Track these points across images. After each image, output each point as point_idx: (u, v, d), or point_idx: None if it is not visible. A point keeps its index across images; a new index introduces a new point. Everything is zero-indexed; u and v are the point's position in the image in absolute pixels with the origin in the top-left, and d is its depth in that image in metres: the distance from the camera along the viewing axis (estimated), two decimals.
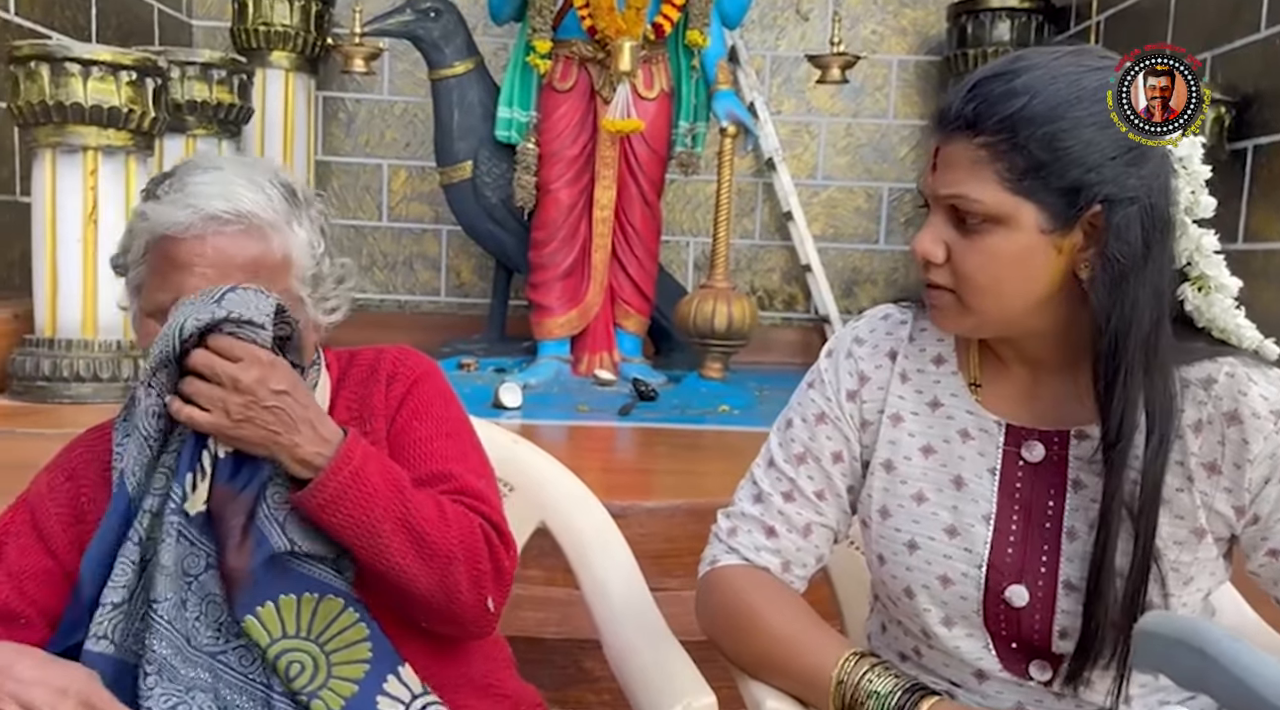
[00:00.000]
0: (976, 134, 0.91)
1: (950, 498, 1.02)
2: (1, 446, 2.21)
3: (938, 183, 0.95)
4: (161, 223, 1.01)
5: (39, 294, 2.68)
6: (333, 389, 1.15)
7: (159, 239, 1.02)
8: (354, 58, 3.39)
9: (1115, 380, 0.92)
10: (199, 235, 1.00)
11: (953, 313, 0.98)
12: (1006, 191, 0.91)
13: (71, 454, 1.13)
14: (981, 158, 0.91)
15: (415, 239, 4.29)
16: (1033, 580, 0.98)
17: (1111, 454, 0.93)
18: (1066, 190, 0.90)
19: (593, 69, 3.29)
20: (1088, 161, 0.89)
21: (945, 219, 0.95)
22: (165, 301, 1.01)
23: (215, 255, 1.01)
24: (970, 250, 0.94)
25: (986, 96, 0.91)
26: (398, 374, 1.14)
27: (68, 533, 1.07)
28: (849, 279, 4.35)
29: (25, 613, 1.04)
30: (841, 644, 1.01)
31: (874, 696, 0.94)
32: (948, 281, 0.96)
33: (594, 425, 2.90)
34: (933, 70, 4.27)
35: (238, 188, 1.02)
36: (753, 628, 1.03)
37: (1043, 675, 1.00)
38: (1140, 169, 0.90)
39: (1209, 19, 3.10)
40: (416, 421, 1.12)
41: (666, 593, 1.31)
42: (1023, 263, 0.92)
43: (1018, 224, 0.91)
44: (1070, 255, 0.93)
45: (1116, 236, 0.90)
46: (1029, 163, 0.90)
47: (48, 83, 2.52)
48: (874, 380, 1.07)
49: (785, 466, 1.08)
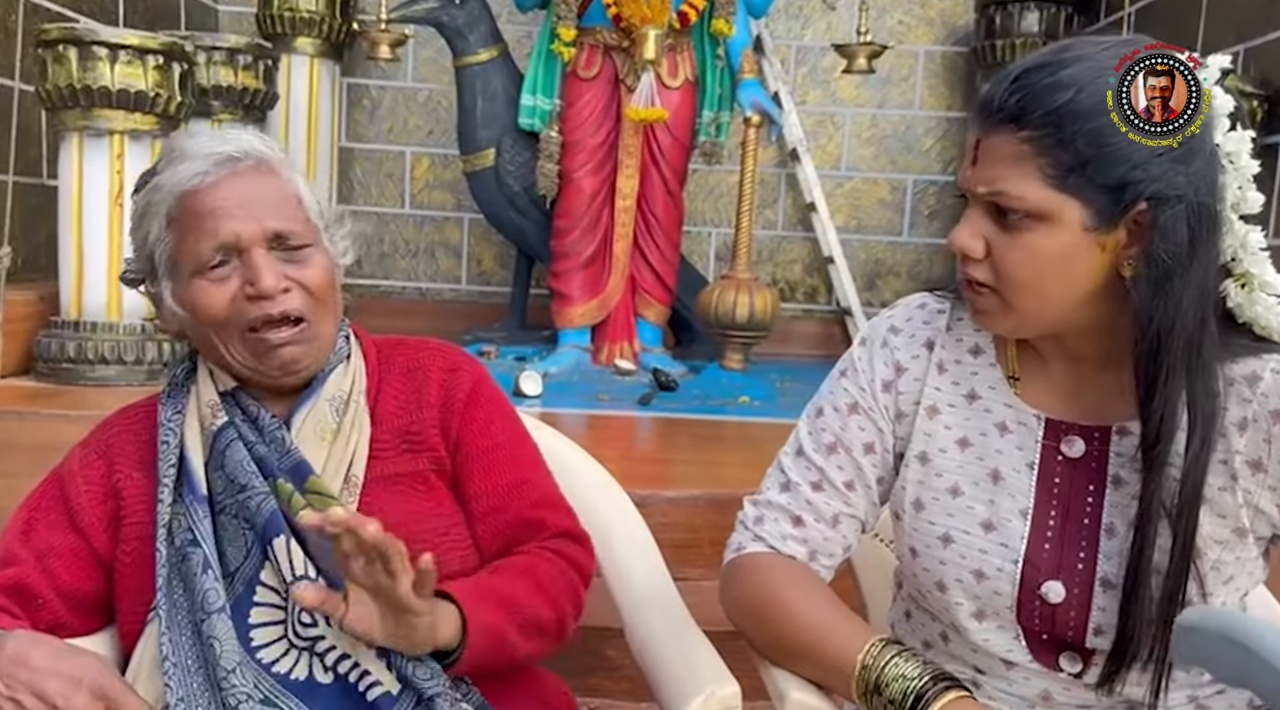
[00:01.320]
0: (1020, 128, 0.89)
1: (987, 492, 1.01)
2: (27, 428, 2.23)
3: (978, 177, 0.93)
4: (178, 181, 1.03)
5: (65, 276, 2.70)
6: (370, 373, 1.15)
7: (180, 197, 1.04)
8: (379, 44, 3.39)
9: (1157, 380, 0.90)
10: (218, 179, 1.03)
11: (996, 313, 0.96)
12: (1050, 188, 0.88)
13: (109, 431, 1.13)
14: (1024, 153, 0.89)
15: (437, 226, 4.29)
16: (1069, 576, 0.97)
17: (1152, 454, 0.91)
18: (1112, 187, 0.88)
19: (617, 57, 3.27)
20: (1134, 158, 0.87)
21: (985, 213, 0.93)
22: (207, 252, 1.03)
23: (241, 194, 1.04)
24: (1011, 247, 0.92)
25: (1031, 88, 0.89)
26: (459, 368, 1.17)
27: (96, 510, 1.08)
28: (871, 271, 4.32)
29: (43, 593, 1.04)
30: (868, 631, 1.00)
31: (899, 679, 0.92)
32: (988, 278, 0.94)
33: (614, 414, 2.90)
34: (960, 61, 4.23)
35: (235, 134, 1.09)
36: (779, 614, 1.03)
37: (1073, 667, 0.99)
38: (1188, 166, 0.88)
39: (1241, 12, 3.05)
40: (493, 424, 1.16)
41: (687, 583, 1.30)
42: (1065, 261, 0.90)
43: (1060, 221, 0.89)
44: (1114, 253, 0.91)
45: (1162, 236, 0.87)
46: (1074, 159, 0.87)
47: (75, 66, 2.53)
48: (910, 371, 1.06)
49: (815, 456, 1.07)
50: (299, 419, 1.09)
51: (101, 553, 1.07)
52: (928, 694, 0.90)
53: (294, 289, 1.05)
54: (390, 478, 1.10)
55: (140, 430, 1.12)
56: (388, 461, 1.11)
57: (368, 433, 1.10)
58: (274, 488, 1.04)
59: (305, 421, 1.09)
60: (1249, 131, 0.92)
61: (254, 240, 1.03)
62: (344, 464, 1.08)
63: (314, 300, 1.07)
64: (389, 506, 1.07)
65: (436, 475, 1.13)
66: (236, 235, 1.03)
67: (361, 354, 1.16)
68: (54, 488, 1.10)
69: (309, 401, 1.10)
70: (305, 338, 1.07)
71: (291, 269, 1.06)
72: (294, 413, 1.10)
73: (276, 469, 1.05)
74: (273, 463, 1.06)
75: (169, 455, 1.07)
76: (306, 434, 1.08)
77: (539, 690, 1.15)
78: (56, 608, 1.05)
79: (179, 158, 1.05)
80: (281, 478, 1.04)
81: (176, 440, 1.08)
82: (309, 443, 1.08)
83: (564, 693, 1.19)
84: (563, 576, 1.10)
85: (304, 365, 1.08)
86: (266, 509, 1.02)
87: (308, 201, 1.10)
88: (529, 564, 1.08)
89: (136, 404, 1.16)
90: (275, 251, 1.05)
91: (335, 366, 1.12)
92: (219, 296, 1.04)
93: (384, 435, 1.12)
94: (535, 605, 1.05)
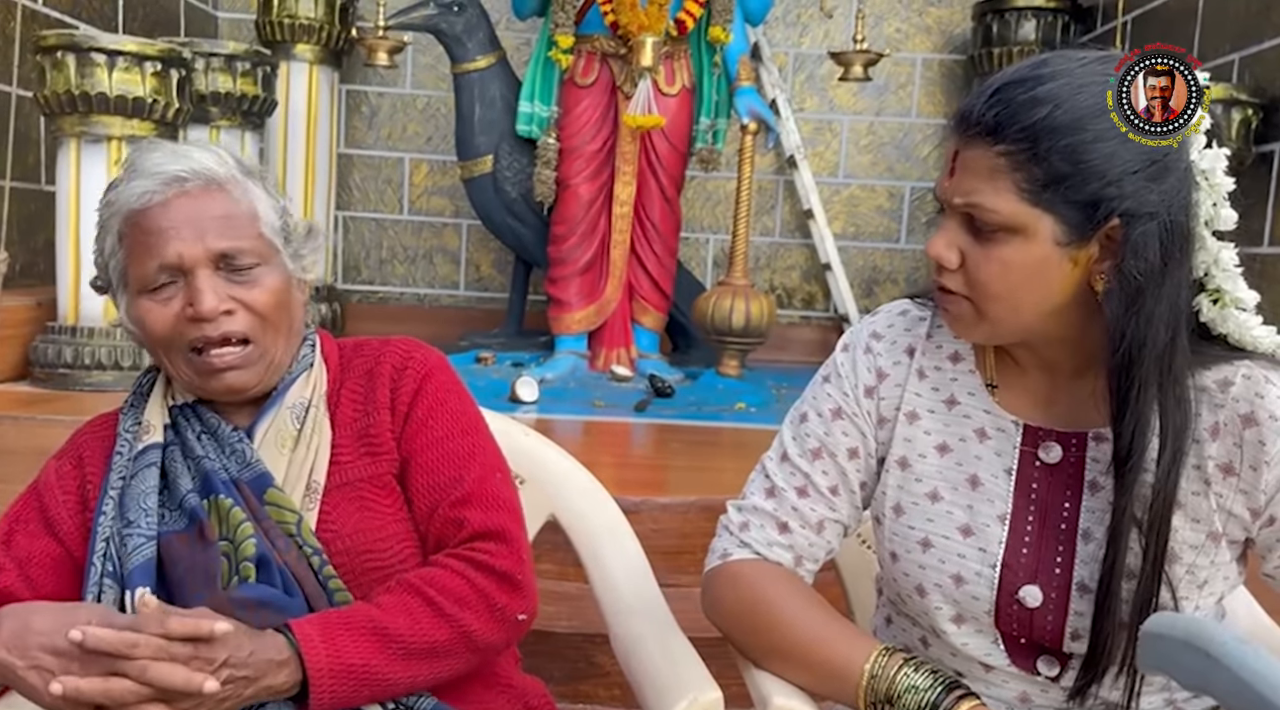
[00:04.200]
0: (997, 142, 0.89)
1: (965, 497, 1.01)
2: (23, 433, 2.24)
3: (954, 188, 0.94)
4: (127, 200, 1.04)
5: (62, 282, 2.71)
6: (332, 378, 1.14)
7: (128, 215, 1.04)
8: (377, 51, 3.40)
9: (1129, 395, 0.90)
10: (164, 200, 1.03)
11: (968, 320, 0.97)
12: (1024, 202, 0.89)
13: (78, 440, 1.15)
14: (1000, 167, 0.89)
15: (435, 232, 4.30)
16: (1047, 581, 0.98)
17: (1124, 467, 0.92)
18: (1085, 203, 0.88)
19: (614, 64, 3.28)
20: (1109, 175, 0.87)
21: (960, 224, 0.94)
22: (151, 271, 1.03)
23: (185, 214, 1.03)
24: (984, 258, 0.93)
25: (1009, 103, 0.89)
26: (407, 367, 1.14)
27: (74, 519, 1.09)
28: (869, 278, 4.33)
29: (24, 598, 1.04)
30: (869, 639, 1.01)
31: (911, 690, 0.92)
32: (961, 287, 0.95)
33: (610, 421, 2.91)
34: (957, 69, 4.24)
35: (190, 152, 1.06)
36: (774, 623, 1.03)
37: (1050, 670, 0.99)
38: (1161, 184, 0.88)
39: (1237, 20, 3.06)
40: (432, 420, 1.12)
41: (678, 589, 1.30)
42: (1037, 273, 0.91)
43: (1034, 235, 0.90)
44: (1086, 267, 0.91)
45: (1134, 253, 0.88)
46: (1049, 175, 0.88)
47: (74, 73, 2.54)
48: (892, 377, 1.06)
49: (800, 461, 1.07)
50: (261, 429, 1.09)
51: (80, 560, 1.07)
52: (942, 704, 0.91)
53: (238, 310, 1.05)
54: (350, 483, 1.09)
55: (107, 438, 1.12)
56: (347, 467, 1.10)
57: (329, 438, 1.10)
58: (213, 505, 1.04)
59: (267, 432, 1.09)
60: (1224, 149, 0.92)
61: (197, 261, 1.03)
62: (305, 471, 1.07)
63: (260, 321, 1.06)
64: (343, 517, 1.07)
65: (395, 478, 1.11)
66: (180, 256, 1.02)
67: (323, 360, 1.15)
68: (32, 500, 1.11)
69: (270, 411, 1.09)
70: (249, 360, 1.06)
71: (238, 289, 1.05)
72: (256, 423, 1.09)
73: (228, 483, 1.05)
74: (222, 477, 1.05)
75: (120, 467, 1.08)
76: (268, 443, 1.08)
77: (516, 695, 1.15)
78: None
79: (132, 174, 1.05)
80: (228, 493, 1.03)
81: (129, 453, 1.08)
82: (270, 452, 1.08)
83: (543, 695, 1.18)
84: (467, 586, 1.03)
85: (249, 388, 1.08)
86: (140, 557, 1.01)
87: (265, 218, 1.08)
88: (427, 578, 1.03)
89: (107, 413, 1.17)
90: (222, 272, 1.04)
91: (298, 376, 1.12)
92: (162, 316, 1.04)
93: (343, 440, 1.11)
94: (422, 629, 1.00)
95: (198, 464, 1.06)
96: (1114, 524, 0.93)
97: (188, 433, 1.09)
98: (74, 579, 1.07)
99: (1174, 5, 3.44)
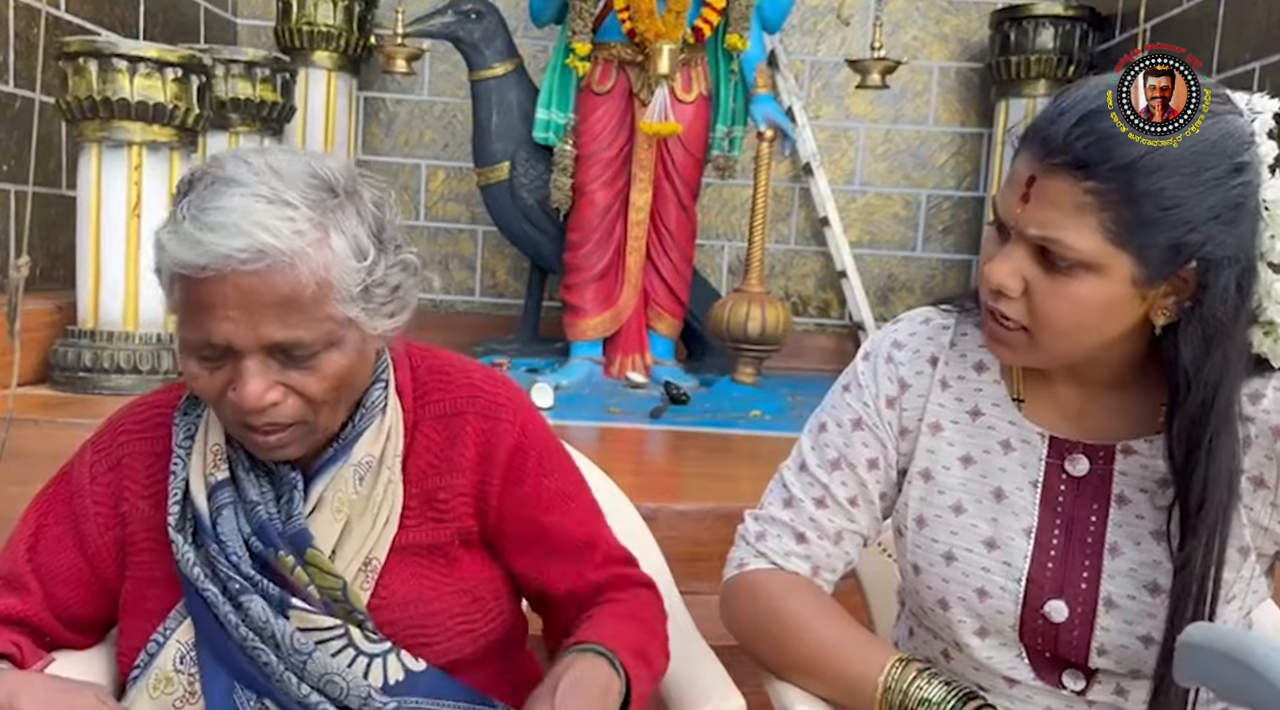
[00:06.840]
0: (1087, 177, 0.84)
1: (990, 510, 1.00)
2: (43, 436, 2.25)
3: (1029, 218, 0.88)
4: (176, 261, 0.88)
5: (82, 286, 2.72)
6: (408, 425, 1.02)
7: (175, 277, 0.90)
8: (396, 58, 3.42)
9: (1199, 446, 0.87)
10: (217, 274, 0.86)
11: (1020, 349, 0.94)
12: (1108, 242, 0.85)
13: (119, 436, 1.05)
14: (1088, 204, 0.84)
15: (451, 239, 4.31)
16: (1073, 596, 0.97)
17: (1195, 521, 0.88)
18: (1168, 247, 0.85)
19: (631, 71, 3.29)
20: (1194, 220, 0.84)
21: (1029, 254, 0.89)
22: (197, 341, 0.91)
23: (239, 297, 0.87)
24: (1053, 293, 0.88)
25: (1101, 135, 0.84)
26: (499, 419, 1.03)
27: (104, 536, 1.02)
28: (885, 286, 4.32)
29: (47, 624, 1.02)
30: (885, 649, 1.00)
31: (925, 704, 0.92)
32: (1022, 317, 0.91)
33: (624, 427, 2.90)
34: (974, 77, 4.23)
35: (258, 214, 0.86)
36: (791, 632, 1.02)
37: (1076, 685, 0.98)
38: (1236, 227, 0.86)
39: (1258, 27, 3.04)
40: (543, 489, 1.05)
41: (696, 596, 1.30)
42: (1106, 310, 0.88)
43: (1110, 273, 0.86)
44: (1152, 303, 0.89)
45: (1218, 298, 0.85)
46: (1138, 217, 0.84)
47: (95, 78, 2.56)
48: (914, 387, 1.05)
49: (818, 471, 1.07)
50: (319, 486, 0.98)
51: (108, 580, 1.03)
52: None
53: (288, 398, 0.92)
54: (409, 549, 1.00)
55: (153, 440, 1.04)
56: (410, 531, 1.01)
57: (399, 507, 1.00)
58: (278, 560, 0.96)
59: (326, 490, 0.98)
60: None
61: (248, 348, 0.89)
62: (365, 544, 0.98)
63: (313, 405, 0.94)
64: (394, 586, 0.99)
65: (462, 546, 1.03)
66: (228, 340, 0.89)
67: (399, 407, 1.02)
68: (63, 494, 1.05)
69: (332, 467, 0.98)
70: (297, 437, 0.95)
71: (293, 375, 0.92)
72: (315, 475, 0.99)
73: (277, 537, 0.96)
74: (274, 529, 0.96)
75: (175, 488, 1.00)
76: (324, 504, 0.98)
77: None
78: (59, 632, 1.03)
79: (192, 220, 0.87)
80: (283, 549, 0.95)
81: (183, 473, 1.00)
82: (323, 515, 0.98)
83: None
84: (659, 609, 1.10)
85: (299, 454, 0.98)
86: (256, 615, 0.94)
87: (340, 286, 0.90)
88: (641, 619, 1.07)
89: (151, 401, 1.07)
90: (277, 357, 0.91)
91: (365, 429, 1.00)
92: (209, 384, 0.93)
93: (411, 502, 1.01)
94: (658, 654, 1.06)
95: (252, 512, 0.97)
96: (1180, 582, 0.90)
97: (238, 467, 1.00)
98: (97, 596, 1.03)
99: (1193, 13, 3.42)
